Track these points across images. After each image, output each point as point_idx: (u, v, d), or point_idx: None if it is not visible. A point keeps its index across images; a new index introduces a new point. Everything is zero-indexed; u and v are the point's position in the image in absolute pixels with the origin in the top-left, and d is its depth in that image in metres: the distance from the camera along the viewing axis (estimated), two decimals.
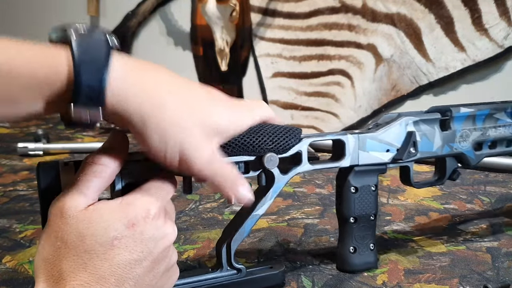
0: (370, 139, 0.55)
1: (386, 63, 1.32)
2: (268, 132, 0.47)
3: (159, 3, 1.50)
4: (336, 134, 0.54)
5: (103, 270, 0.34)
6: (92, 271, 0.34)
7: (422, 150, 0.58)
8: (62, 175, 0.40)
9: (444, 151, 0.60)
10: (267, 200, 0.50)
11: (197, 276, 0.48)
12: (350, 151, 0.54)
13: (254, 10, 1.42)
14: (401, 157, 0.56)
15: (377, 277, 0.57)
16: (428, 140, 0.59)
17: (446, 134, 0.60)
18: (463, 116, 0.62)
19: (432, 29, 1.26)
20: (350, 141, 0.54)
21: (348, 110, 1.38)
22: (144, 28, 1.54)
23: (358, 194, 0.56)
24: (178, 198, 0.84)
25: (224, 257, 0.49)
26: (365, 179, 0.56)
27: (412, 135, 0.57)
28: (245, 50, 1.44)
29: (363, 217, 0.57)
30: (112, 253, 0.35)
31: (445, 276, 0.57)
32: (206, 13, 1.33)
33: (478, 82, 1.26)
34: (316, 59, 1.40)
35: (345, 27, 1.35)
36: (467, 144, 0.62)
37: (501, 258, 0.63)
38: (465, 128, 0.62)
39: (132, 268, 0.36)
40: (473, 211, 0.81)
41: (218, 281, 0.49)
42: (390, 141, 0.56)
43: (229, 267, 0.49)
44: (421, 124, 0.58)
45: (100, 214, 0.36)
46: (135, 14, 1.52)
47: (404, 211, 0.81)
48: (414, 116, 0.58)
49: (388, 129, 0.56)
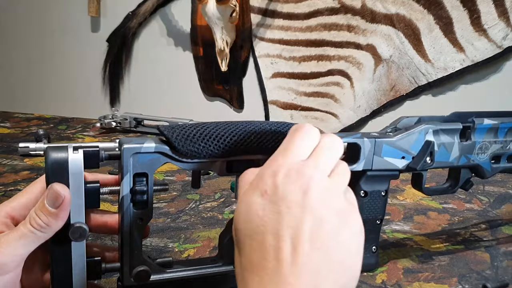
0: (387, 144, 0.53)
1: (385, 63, 1.33)
2: (279, 131, 0.47)
3: (159, 4, 1.51)
4: (353, 137, 0.52)
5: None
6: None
7: (438, 160, 0.56)
8: (70, 160, 0.39)
9: (460, 162, 0.59)
10: None
11: (199, 267, 0.48)
12: (365, 155, 0.52)
13: (254, 10, 1.42)
14: (416, 166, 0.55)
15: (377, 276, 0.57)
16: (445, 150, 0.57)
17: (465, 145, 0.58)
18: (486, 127, 0.60)
19: (431, 30, 1.26)
20: (366, 145, 0.52)
21: (348, 110, 1.39)
22: (145, 29, 1.54)
23: (367, 199, 0.55)
24: (178, 198, 0.84)
25: (227, 249, 0.49)
26: (376, 184, 0.55)
27: (431, 145, 0.55)
28: (245, 51, 1.45)
29: (369, 221, 0.56)
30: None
31: (444, 275, 0.58)
32: (206, 14, 1.34)
33: (477, 82, 1.26)
34: (315, 59, 1.40)
35: (344, 27, 1.35)
36: (485, 157, 0.60)
37: (499, 257, 0.63)
38: (485, 140, 0.60)
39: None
40: (472, 211, 0.82)
41: (220, 272, 0.48)
42: (407, 148, 0.55)
43: (230, 259, 0.49)
44: (441, 134, 0.56)
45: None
46: (135, 15, 1.53)
47: (403, 210, 0.81)
48: (435, 125, 0.56)
49: (407, 136, 0.54)
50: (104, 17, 1.58)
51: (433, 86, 1.30)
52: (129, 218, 0.43)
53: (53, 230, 0.38)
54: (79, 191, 0.40)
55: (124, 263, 0.43)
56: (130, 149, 0.42)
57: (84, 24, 1.60)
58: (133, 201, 0.42)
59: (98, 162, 0.41)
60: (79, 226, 0.40)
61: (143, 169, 0.42)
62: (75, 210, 0.40)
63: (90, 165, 0.41)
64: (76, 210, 0.40)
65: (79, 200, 0.40)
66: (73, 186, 0.39)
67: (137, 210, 0.43)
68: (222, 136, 0.44)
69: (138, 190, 0.42)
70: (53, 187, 0.38)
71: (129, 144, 0.42)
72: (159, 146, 0.43)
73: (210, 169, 0.46)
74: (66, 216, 0.39)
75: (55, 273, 0.40)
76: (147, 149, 0.42)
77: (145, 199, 0.43)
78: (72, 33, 1.62)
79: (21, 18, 1.66)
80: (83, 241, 0.41)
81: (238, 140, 0.45)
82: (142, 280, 0.43)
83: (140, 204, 0.43)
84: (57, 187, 0.38)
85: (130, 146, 0.42)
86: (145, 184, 0.43)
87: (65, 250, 0.40)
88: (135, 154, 0.42)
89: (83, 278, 0.41)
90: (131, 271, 0.43)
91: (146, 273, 0.43)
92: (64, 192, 0.38)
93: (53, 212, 0.38)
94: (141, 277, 0.43)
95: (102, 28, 1.59)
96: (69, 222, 0.40)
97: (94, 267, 0.43)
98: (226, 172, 0.47)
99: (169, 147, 0.43)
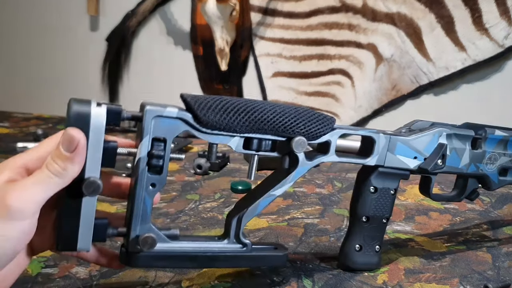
0: (401, 142, 0.54)
1: (386, 62, 1.32)
2: (302, 116, 0.47)
3: (159, 3, 1.50)
4: (369, 131, 0.53)
5: None
6: None
7: (448, 165, 0.57)
8: (93, 113, 0.38)
9: (469, 169, 0.60)
10: (287, 183, 0.50)
11: (204, 242, 0.48)
12: (379, 150, 0.53)
13: (254, 9, 1.42)
14: (427, 168, 0.56)
15: (378, 276, 0.57)
16: (457, 155, 0.58)
17: (475, 153, 0.60)
18: (496, 139, 0.61)
19: (432, 29, 1.26)
20: (381, 140, 0.53)
21: (348, 110, 1.38)
22: (144, 28, 1.54)
23: (376, 195, 0.56)
24: (178, 198, 0.84)
25: (233, 229, 0.49)
26: (387, 181, 0.56)
27: (443, 147, 0.56)
28: (245, 50, 1.44)
29: (376, 218, 0.56)
30: None
31: (446, 276, 0.57)
32: (206, 13, 1.33)
33: (478, 81, 1.26)
34: (316, 58, 1.39)
35: (345, 26, 1.35)
36: (494, 168, 0.62)
37: (501, 258, 0.63)
38: (495, 151, 0.61)
39: None
40: (474, 211, 0.81)
41: (223, 251, 0.48)
42: (420, 149, 0.56)
43: (235, 240, 0.49)
44: (454, 139, 0.58)
45: None
46: (135, 14, 1.52)
47: (405, 211, 0.81)
48: (449, 129, 0.57)
49: (421, 136, 0.55)
50: (103, 16, 1.58)
51: (434, 86, 1.29)
52: (142, 182, 0.42)
53: (70, 176, 0.37)
54: (97, 146, 0.39)
55: (131, 228, 0.43)
56: (153, 111, 0.41)
57: (83, 23, 1.59)
58: (148, 165, 0.42)
59: (120, 120, 0.40)
60: (94, 180, 0.39)
61: (162, 133, 0.42)
62: (91, 165, 0.39)
63: (112, 122, 0.40)
64: (92, 165, 0.39)
65: (97, 155, 0.39)
66: (92, 140, 0.38)
67: (151, 175, 0.42)
68: (244, 110, 0.45)
69: (155, 154, 0.42)
70: (68, 131, 0.37)
71: (152, 106, 0.41)
72: (182, 113, 0.43)
73: (228, 143, 0.46)
74: (82, 161, 0.38)
75: (61, 228, 0.40)
76: (169, 114, 0.42)
77: (161, 164, 0.42)
78: (71, 32, 1.61)
79: (20, 16, 1.66)
80: (95, 197, 0.40)
81: (261, 118, 0.45)
82: (148, 246, 0.43)
83: (155, 168, 0.42)
84: (72, 131, 0.37)
85: (153, 108, 0.41)
86: (163, 149, 0.42)
87: (75, 205, 0.40)
88: (157, 117, 0.41)
89: (89, 237, 0.41)
90: (137, 237, 0.43)
91: (153, 240, 0.43)
92: (79, 136, 0.37)
93: (69, 157, 0.37)
94: (148, 243, 0.43)
95: (101, 27, 1.58)
96: (83, 176, 0.39)
97: (101, 228, 0.42)
98: (243, 148, 0.47)
99: (191, 115, 0.43)
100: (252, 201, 0.49)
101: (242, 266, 0.55)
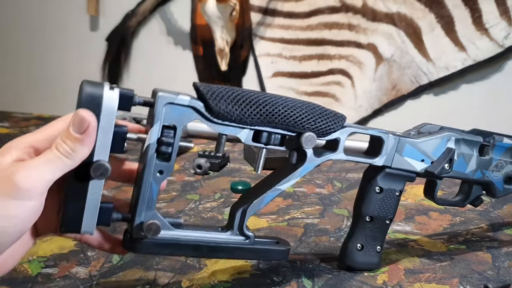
0: (410, 144, 0.54)
1: (386, 62, 1.32)
2: (313, 111, 0.48)
3: (159, 3, 1.50)
4: (378, 131, 0.53)
5: None
6: None
7: (455, 169, 0.57)
8: (105, 96, 0.38)
9: (475, 175, 0.60)
10: (293, 178, 0.50)
11: (207, 232, 0.48)
12: (387, 151, 0.53)
13: (254, 9, 1.42)
14: (434, 171, 0.56)
15: (378, 276, 0.57)
16: (464, 161, 0.58)
17: (482, 159, 0.60)
18: (504, 146, 0.61)
19: (432, 29, 1.26)
20: (390, 141, 0.53)
21: (349, 110, 1.38)
22: (144, 28, 1.54)
23: (381, 196, 0.56)
24: (178, 198, 0.84)
25: (237, 221, 0.49)
26: (393, 183, 0.56)
27: (452, 152, 0.56)
28: (245, 50, 1.44)
29: (379, 219, 0.56)
30: None
31: (446, 276, 0.57)
32: (206, 13, 1.33)
33: (478, 81, 1.26)
34: (316, 58, 1.39)
35: (345, 26, 1.35)
36: (499, 175, 0.62)
37: (501, 258, 0.63)
38: (502, 159, 0.61)
39: None
40: (474, 211, 0.81)
41: (226, 242, 0.48)
42: (428, 152, 0.56)
43: (238, 232, 0.49)
44: (462, 144, 0.58)
45: None
46: (135, 14, 1.52)
47: (405, 211, 0.81)
48: (457, 134, 0.57)
49: (430, 139, 0.56)
50: (103, 15, 1.58)
51: (434, 86, 1.29)
52: (150, 168, 0.42)
53: (79, 157, 0.37)
54: (108, 129, 0.39)
55: (136, 213, 0.43)
56: (165, 98, 0.41)
57: (83, 23, 1.59)
58: (157, 151, 0.42)
59: (131, 104, 0.40)
60: (102, 163, 0.38)
61: (172, 121, 0.42)
62: (100, 148, 0.39)
63: (123, 106, 0.40)
64: (101, 148, 0.39)
65: (107, 139, 0.39)
66: (103, 123, 0.38)
67: (160, 162, 0.42)
68: (255, 102, 0.45)
69: (164, 141, 0.42)
70: (79, 112, 0.37)
71: (164, 93, 0.42)
72: (193, 101, 0.43)
73: (237, 135, 0.46)
74: (92, 143, 0.38)
75: (67, 210, 0.40)
76: (181, 101, 0.42)
77: (170, 151, 0.42)
78: (71, 32, 1.61)
79: (20, 16, 1.66)
80: (102, 181, 0.40)
81: (272, 111, 0.45)
82: (153, 233, 0.43)
83: (164, 155, 0.42)
84: (83, 112, 0.37)
85: (165, 95, 0.41)
86: (172, 137, 0.42)
87: (82, 187, 0.39)
88: (168, 104, 0.42)
89: (93, 220, 0.40)
90: (142, 224, 0.43)
91: (157, 226, 0.43)
92: (89, 118, 0.37)
93: (79, 138, 0.37)
94: (152, 230, 0.43)
95: (101, 27, 1.58)
96: (92, 159, 0.39)
97: (106, 212, 0.42)
98: (252, 141, 0.47)
99: (203, 104, 0.43)
100: (258, 194, 0.50)
101: (244, 258, 0.55)
